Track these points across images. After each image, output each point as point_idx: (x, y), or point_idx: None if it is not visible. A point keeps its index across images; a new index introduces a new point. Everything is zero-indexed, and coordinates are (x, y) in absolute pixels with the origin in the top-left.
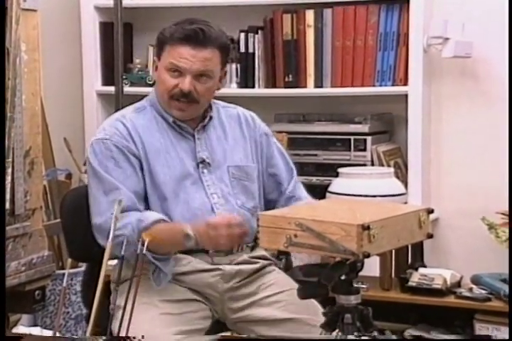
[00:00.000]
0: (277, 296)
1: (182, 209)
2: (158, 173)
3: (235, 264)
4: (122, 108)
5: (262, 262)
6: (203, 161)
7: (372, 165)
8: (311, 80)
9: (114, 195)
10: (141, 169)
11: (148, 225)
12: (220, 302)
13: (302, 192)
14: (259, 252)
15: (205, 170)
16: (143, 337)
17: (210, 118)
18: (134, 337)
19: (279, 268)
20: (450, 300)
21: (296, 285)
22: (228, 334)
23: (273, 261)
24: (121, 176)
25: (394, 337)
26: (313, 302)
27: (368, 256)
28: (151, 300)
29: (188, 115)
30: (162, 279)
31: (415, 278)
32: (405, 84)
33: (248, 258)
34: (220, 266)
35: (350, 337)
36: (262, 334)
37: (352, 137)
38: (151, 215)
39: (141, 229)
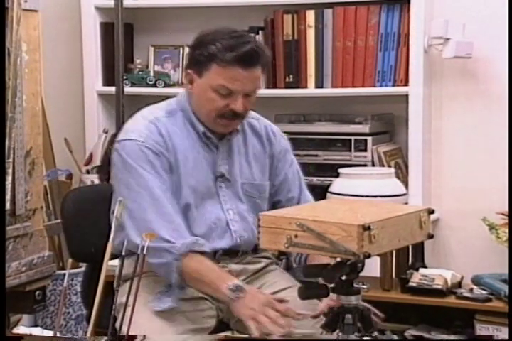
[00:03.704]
0: (281, 293)
1: (199, 222)
2: (184, 183)
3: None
4: (123, 108)
5: (265, 261)
6: (222, 176)
7: (373, 165)
8: (311, 80)
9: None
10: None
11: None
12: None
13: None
14: (261, 253)
15: (222, 185)
16: (144, 337)
17: (237, 130)
18: (135, 337)
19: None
20: (450, 300)
21: (297, 283)
22: (229, 334)
23: (274, 260)
24: (158, 182)
25: (394, 337)
26: (314, 300)
27: (368, 256)
28: None
29: (231, 129)
30: (166, 302)
31: (416, 279)
32: (406, 84)
33: (252, 259)
34: (226, 265)
35: (351, 337)
36: None
37: (352, 137)
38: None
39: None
